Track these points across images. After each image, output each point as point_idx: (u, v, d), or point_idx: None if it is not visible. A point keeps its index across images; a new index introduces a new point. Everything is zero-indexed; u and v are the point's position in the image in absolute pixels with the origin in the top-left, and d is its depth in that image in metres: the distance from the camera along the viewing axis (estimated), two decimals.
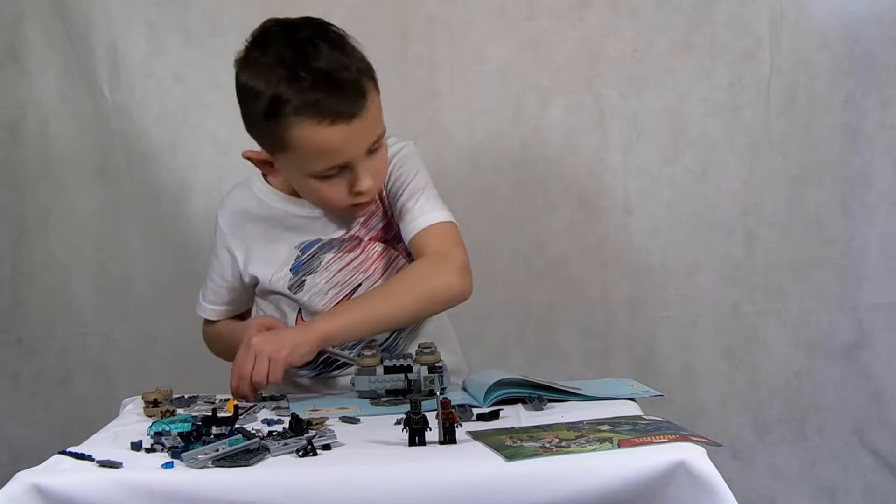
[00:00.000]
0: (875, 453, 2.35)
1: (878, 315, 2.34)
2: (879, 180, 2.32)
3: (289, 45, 1.61)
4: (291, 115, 1.59)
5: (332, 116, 1.58)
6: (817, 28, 2.30)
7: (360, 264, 1.77)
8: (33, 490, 1.15)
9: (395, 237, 1.78)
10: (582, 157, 2.36)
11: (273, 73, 1.60)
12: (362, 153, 1.63)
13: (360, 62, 1.63)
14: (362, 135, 1.62)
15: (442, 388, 1.56)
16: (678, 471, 1.17)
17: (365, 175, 1.64)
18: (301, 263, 1.76)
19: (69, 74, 2.35)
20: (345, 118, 1.59)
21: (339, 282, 1.76)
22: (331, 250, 1.76)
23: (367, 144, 1.63)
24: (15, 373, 2.42)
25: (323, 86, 1.58)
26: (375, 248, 1.78)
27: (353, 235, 1.77)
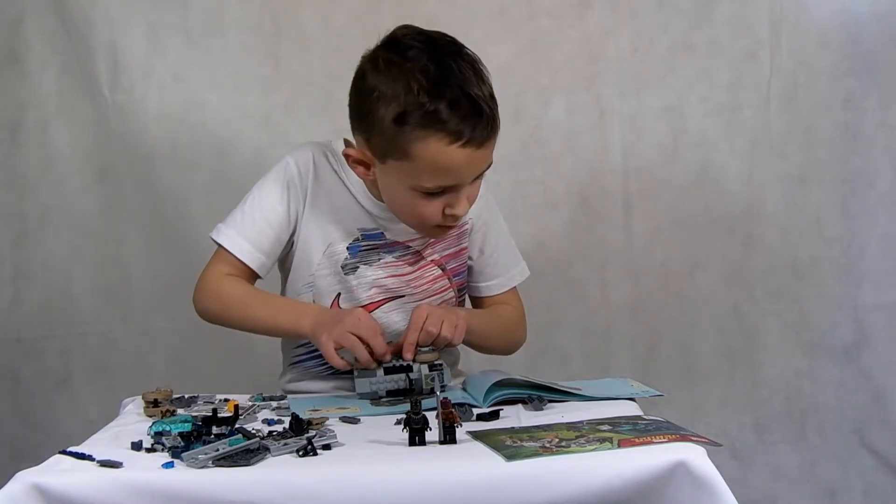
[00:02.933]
0: (875, 453, 2.35)
1: (878, 315, 2.34)
2: (879, 180, 2.33)
3: (431, 59, 1.59)
4: (421, 127, 1.57)
5: (464, 140, 1.57)
6: (817, 28, 2.31)
7: (412, 280, 1.77)
8: (33, 490, 1.15)
9: (453, 269, 1.80)
10: (582, 157, 2.36)
11: (414, 81, 1.57)
12: (471, 179, 1.64)
13: (490, 88, 1.63)
14: (480, 163, 1.63)
15: (442, 385, 1.57)
16: (678, 471, 1.17)
17: (464, 199, 1.65)
18: (360, 248, 1.74)
19: (69, 74, 2.35)
20: (474, 144, 1.58)
21: (386, 286, 1.76)
22: (392, 252, 1.76)
23: (479, 172, 1.64)
24: (15, 373, 2.42)
25: (465, 108, 1.57)
26: (432, 272, 1.79)
27: (417, 251, 1.77)
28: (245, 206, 1.74)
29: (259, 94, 2.34)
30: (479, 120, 1.57)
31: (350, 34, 2.27)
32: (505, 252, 1.87)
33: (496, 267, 1.85)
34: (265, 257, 1.74)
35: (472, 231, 1.81)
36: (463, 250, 1.81)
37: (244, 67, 2.34)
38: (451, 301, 1.82)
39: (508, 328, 1.87)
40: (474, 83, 1.59)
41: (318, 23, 2.32)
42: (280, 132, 2.33)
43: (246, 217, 1.73)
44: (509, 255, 1.88)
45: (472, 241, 1.82)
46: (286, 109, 2.34)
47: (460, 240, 1.80)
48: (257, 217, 1.72)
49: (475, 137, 1.58)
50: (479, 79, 1.61)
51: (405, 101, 1.57)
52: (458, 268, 1.81)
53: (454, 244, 1.80)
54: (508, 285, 1.87)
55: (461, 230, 1.80)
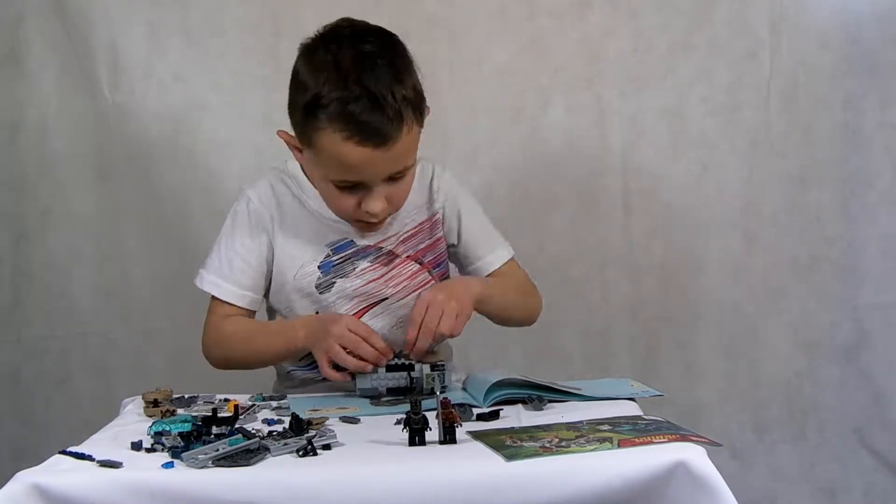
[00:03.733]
0: (875, 453, 2.35)
1: (878, 315, 2.34)
2: (879, 180, 2.33)
3: (351, 53, 1.60)
4: (325, 119, 1.58)
5: (360, 137, 1.57)
6: (817, 28, 2.31)
7: (391, 279, 1.77)
8: (33, 490, 1.15)
9: (431, 261, 1.80)
10: (582, 157, 2.36)
11: (325, 72, 1.59)
12: (380, 179, 1.64)
13: (412, 92, 1.62)
14: (385, 163, 1.62)
15: (443, 386, 1.57)
16: (678, 471, 1.17)
17: (377, 198, 1.65)
18: (332, 264, 1.75)
19: (69, 74, 2.35)
20: (372, 144, 1.58)
21: (367, 291, 1.76)
22: (366, 258, 1.76)
23: (387, 172, 1.63)
24: (15, 373, 2.42)
25: (364, 105, 1.57)
26: (410, 268, 1.78)
27: (390, 251, 1.77)
28: (220, 250, 1.77)
29: (259, 94, 2.34)
30: (378, 118, 1.57)
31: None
32: (485, 230, 1.84)
33: (481, 246, 1.83)
34: (253, 293, 1.77)
35: (444, 220, 1.81)
36: (438, 241, 1.81)
37: (244, 67, 2.34)
38: None
39: (524, 292, 1.84)
40: (388, 82, 1.58)
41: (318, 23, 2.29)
42: None
43: (223, 261, 1.76)
44: (484, 238, 1.84)
45: (447, 230, 1.81)
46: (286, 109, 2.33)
47: (433, 231, 1.80)
48: (234, 259, 1.75)
49: (372, 136, 1.57)
50: (398, 80, 1.60)
51: (314, 91, 1.60)
52: (436, 259, 1.81)
53: (427, 237, 1.80)
54: (502, 259, 1.83)
55: (432, 222, 1.80)
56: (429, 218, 1.80)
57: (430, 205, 1.80)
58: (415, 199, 1.78)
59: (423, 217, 1.80)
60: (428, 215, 1.80)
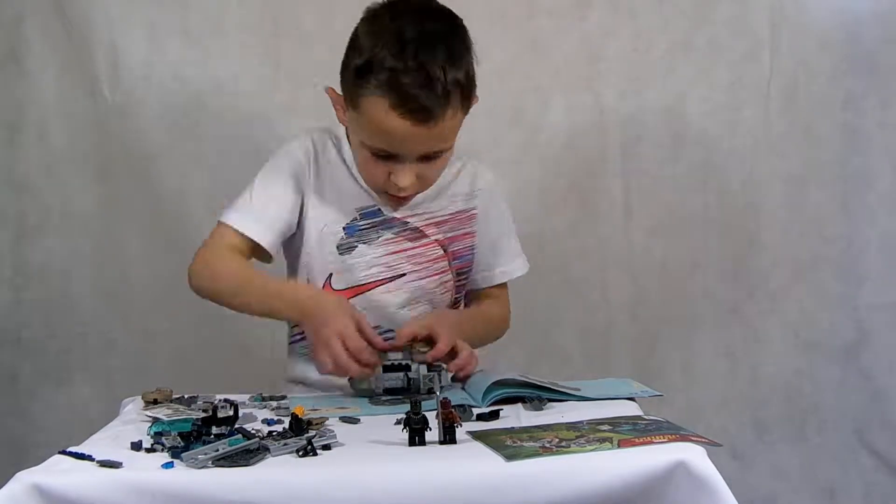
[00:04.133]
0: (875, 453, 2.35)
1: (878, 315, 2.34)
2: (879, 180, 2.33)
3: (414, 27, 1.61)
4: (375, 84, 1.60)
5: (404, 109, 1.59)
6: (817, 28, 2.31)
7: (414, 256, 1.78)
8: (33, 490, 1.15)
9: (454, 252, 1.80)
10: (582, 157, 2.36)
11: (386, 40, 1.60)
12: (414, 156, 1.65)
13: (464, 77, 1.63)
14: (423, 141, 1.63)
15: (441, 386, 1.56)
16: (678, 471, 1.17)
17: (407, 173, 1.66)
18: (357, 228, 1.76)
19: (69, 74, 2.35)
20: (415, 118, 1.59)
21: (387, 263, 1.77)
22: (391, 229, 1.77)
23: (423, 150, 1.65)
24: (15, 373, 2.42)
25: (415, 79, 1.58)
26: (435, 251, 1.79)
27: (418, 227, 1.77)
28: (251, 191, 1.74)
29: (259, 94, 2.34)
30: (426, 95, 1.58)
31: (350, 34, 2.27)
32: (503, 245, 1.86)
33: (495, 257, 1.85)
34: (273, 235, 1.73)
35: (478, 218, 1.82)
36: (467, 235, 1.82)
37: (244, 67, 2.34)
38: (449, 284, 1.81)
39: (490, 330, 1.86)
40: (442, 62, 1.59)
41: (318, 23, 2.32)
42: (280, 132, 2.33)
43: (254, 200, 1.73)
44: (508, 248, 1.87)
45: (477, 229, 1.82)
46: (286, 109, 2.34)
47: (463, 224, 1.81)
48: (264, 199, 1.73)
49: (417, 111, 1.59)
50: (452, 62, 1.61)
51: (369, 56, 1.61)
52: (459, 251, 1.81)
53: (459, 227, 1.81)
54: (505, 277, 1.86)
55: (467, 215, 1.81)
56: (464, 210, 1.81)
57: (469, 198, 1.82)
58: (459, 188, 1.81)
59: (460, 207, 1.81)
60: (464, 207, 1.81)
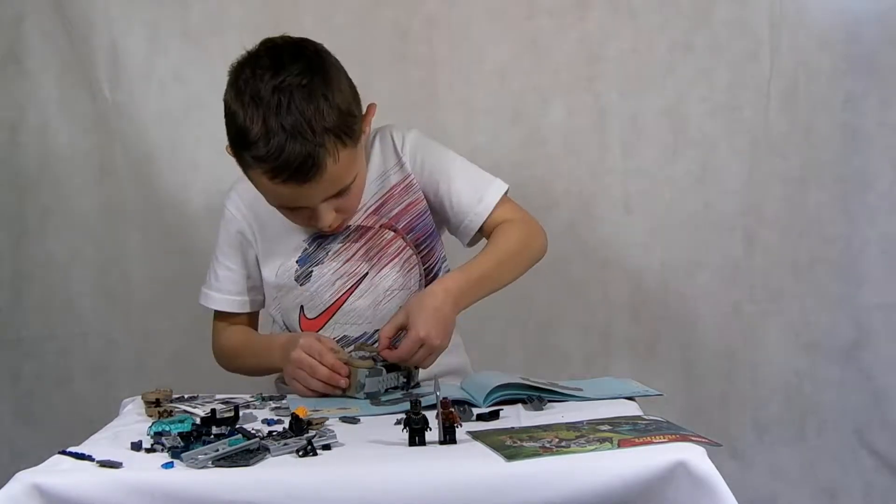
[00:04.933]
0: (875, 453, 2.35)
1: (878, 315, 2.34)
2: (879, 180, 2.32)
3: (271, 86, 1.58)
4: (250, 158, 1.60)
5: (283, 177, 1.59)
6: (817, 28, 2.30)
7: (366, 252, 1.77)
8: (33, 490, 1.15)
9: (406, 226, 1.78)
10: (582, 157, 2.36)
11: (249, 108, 1.59)
12: (320, 201, 1.65)
13: (334, 117, 1.59)
14: (319, 190, 1.62)
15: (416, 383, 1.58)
16: (678, 471, 1.17)
17: (326, 215, 1.67)
18: (308, 255, 1.77)
19: (69, 74, 2.35)
20: (297, 181, 1.59)
21: (345, 272, 1.77)
22: (336, 240, 1.77)
23: (325, 195, 1.64)
24: (15, 373, 2.42)
25: (282, 149, 1.56)
26: (385, 236, 1.78)
27: (359, 225, 1.77)
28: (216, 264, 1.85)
29: None
30: (299, 159, 1.57)
31: (350, 34, 2.27)
32: (465, 179, 1.79)
33: (465, 197, 1.77)
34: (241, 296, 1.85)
35: (420, 179, 1.78)
36: (412, 203, 1.78)
37: None
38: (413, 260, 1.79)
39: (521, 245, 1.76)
40: (307, 115, 1.57)
41: (318, 23, 2.32)
42: None
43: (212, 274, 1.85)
44: (473, 178, 1.79)
45: (425, 188, 1.78)
46: None
47: (405, 195, 1.78)
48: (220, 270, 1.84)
49: (295, 177, 1.58)
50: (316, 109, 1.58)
51: (235, 129, 1.61)
52: (411, 223, 1.78)
53: (400, 201, 1.78)
54: (490, 207, 1.78)
55: (404, 185, 1.78)
56: (400, 181, 1.78)
57: (400, 167, 1.78)
58: (379, 167, 1.78)
59: (393, 182, 1.78)
60: (399, 178, 1.78)
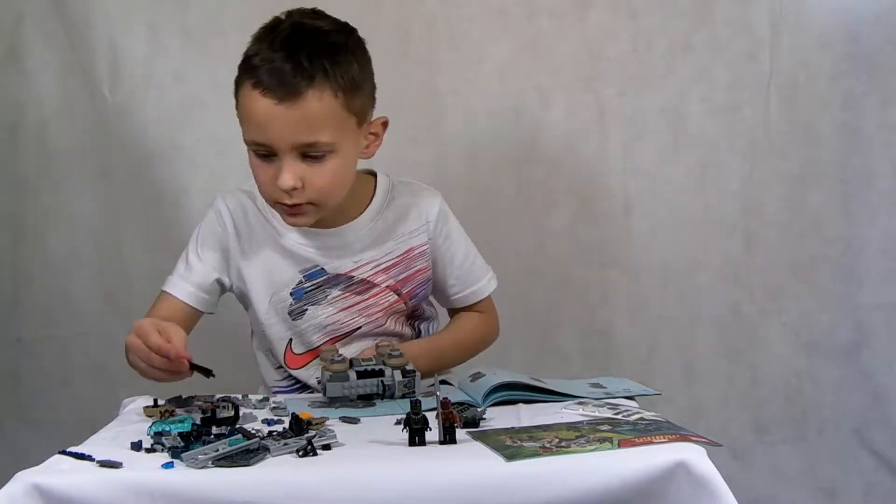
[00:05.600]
0: (875, 453, 2.35)
1: (878, 315, 2.34)
2: (879, 180, 2.33)
3: (293, 23, 1.62)
4: (243, 71, 1.62)
5: (263, 87, 1.58)
6: (817, 28, 2.31)
7: (365, 308, 1.76)
8: (33, 490, 1.15)
9: (409, 292, 1.78)
10: (582, 157, 2.36)
11: (260, 34, 1.63)
12: (287, 146, 1.59)
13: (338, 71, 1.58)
14: (288, 124, 1.58)
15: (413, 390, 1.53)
16: (678, 471, 1.17)
17: (287, 172, 1.60)
18: (304, 291, 1.74)
19: (69, 74, 2.35)
20: (274, 95, 1.57)
21: (339, 320, 1.75)
22: (337, 286, 1.75)
23: (294, 138, 1.59)
24: (15, 373, 2.42)
25: (277, 56, 1.58)
26: (388, 298, 1.77)
27: (365, 279, 1.75)
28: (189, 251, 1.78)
29: None
30: (288, 73, 1.56)
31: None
32: (472, 263, 1.84)
33: (465, 279, 1.83)
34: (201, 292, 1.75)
35: (432, 249, 1.79)
36: (419, 271, 1.79)
37: None
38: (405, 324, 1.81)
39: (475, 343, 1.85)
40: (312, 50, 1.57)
41: None
42: None
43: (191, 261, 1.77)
44: (476, 265, 1.84)
45: (434, 261, 1.80)
46: None
47: (415, 261, 1.78)
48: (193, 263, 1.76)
49: (274, 87, 1.57)
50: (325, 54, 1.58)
51: (243, 58, 1.63)
52: (414, 289, 1.79)
53: (410, 266, 1.78)
54: (479, 296, 1.84)
55: (417, 252, 1.78)
56: (416, 246, 1.78)
57: (420, 233, 1.78)
58: (407, 226, 1.78)
59: (410, 244, 1.78)
60: (416, 243, 1.78)
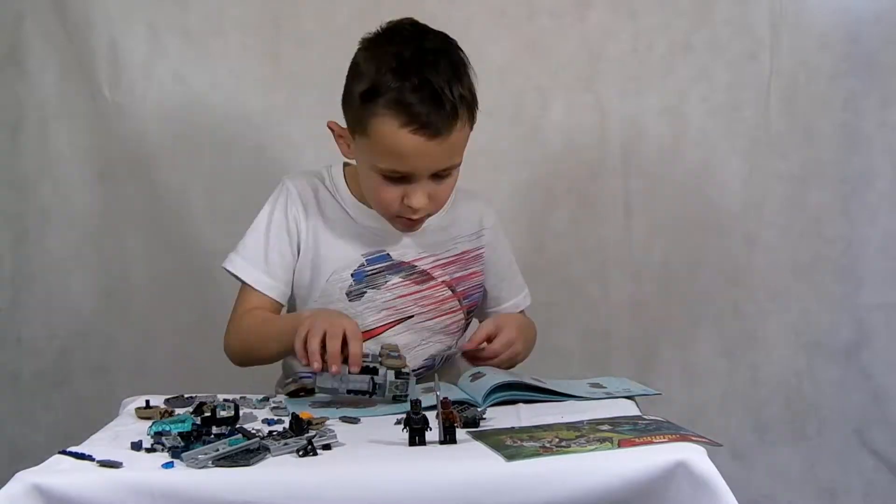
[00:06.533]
0: (875, 453, 2.35)
1: (878, 315, 2.34)
2: (879, 180, 2.33)
3: (413, 47, 1.64)
4: (382, 106, 1.61)
5: (415, 125, 1.60)
6: (817, 28, 2.31)
7: (421, 299, 1.78)
8: (33, 490, 1.15)
9: (463, 292, 1.81)
10: (582, 157, 2.36)
11: (387, 62, 1.63)
12: (428, 172, 1.65)
13: (467, 91, 1.65)
14: (435, 156, 1.64)
15: (405, 394, 1.52)
16: (678, 471, 1.17)
17: (420, 193, 1.66)
18: (366, 274, 1.76)
19: (69, 74, 2.35)
20: (426, 133, 1.60)
21: (395, 307, 1.77)
22: (399, 273, 1.77)
23: (436, 167, 1.65)
24: (15, 373, 2.42)
25: (423, 96, 1.60)
26: (442, 292, 1.80)
27: (424, 271, 1.78)
28: (256, 238, 1.77)
29: (259, 94, 2.34)
30: (436, 110, 1.60)
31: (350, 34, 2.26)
32: (509, 279, 1.90)
33: (507, 291, 1.89)
34: (284, 286, 1.77)
35: (486, 257, 1.84)
36: (475, 274, 1.83)
37: (244, 67, 2.34)
38: (460, 323, 1.84)
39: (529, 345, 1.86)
40: (447, 78, 1.62)
41: (318, 23, 2.32)
42: (280, 132, 2.33)
43: (259, 249, 1.76)
44: (514, 282, 1.91)
45: (486, 266, 1.84)
46: (286, 109, 2.34)
47: (470, 263, 1.82)
48: (269, 250, 1.76)
49: (427, 126, 1.60)
50: (456, 77, 1.64)
51: (373, 79, 1.63)
52: (468, 290, 1.83)
53: (464, 267, 1.82)
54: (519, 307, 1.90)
55: (473, 254, 1.82)
56: (471, 250, 1.83)
57: (476, 238, 1.84)
58: (464, 229, 1.83)
59: (466, 247, 1.82)
60: (471, 247, 1.83)
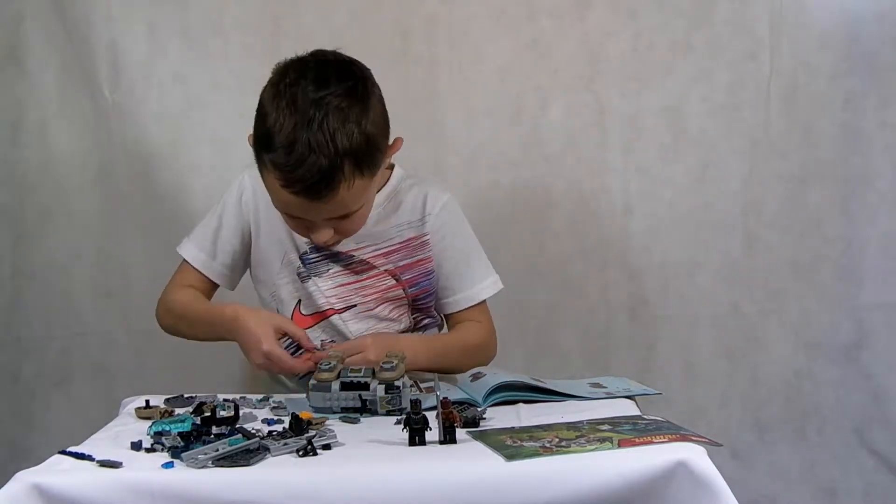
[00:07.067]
0: (875, 453, 2.35)
1: (878, 315, 2.34)
2: (879, 180, 2.32)
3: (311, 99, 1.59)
4: (268, 160, 1.61)
5: (294, 188, 1.59)
6: (817, 28, 2.30)
7: (362, 288, 1.79)
8: (33, 490, 1.15)
9: (409, 280, 1.80)
10: (582, 157, 2.36)
11: (282, 112, 1.59)
12: (321, 220, 1.65)
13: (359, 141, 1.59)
14: (325, 211, 1.63)
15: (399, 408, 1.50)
16: (678, 471, 1.17)
17: (322, 232, 1.67)
18: (309, 260, 1.79)
19: (69, 74, 2.35)
20: (306, 197, 1.59)
21: (336, 295, 1.79)
22: (338, 262, 1.78)
23: (328, 216, 1.64)
24: (15, 373, 2.42)
25: (301, 162, 1.56)
26: (385, 282, 1.80)
27: (364, 260, 1.78)
28: (206, 219, 1.85)
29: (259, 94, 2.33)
30: (313, 176, 1.56)
31: (350, 34, 2.27)
32: (469, 265, 1.84)
33: (459, 280, 1.83)
34: (224, 269, 1.84)
35: (433, 244, 1.81)
36: (421, 261, 1.80)
37: (244, 67, 2.34)
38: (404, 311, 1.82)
39: (468, 355, 1.78)
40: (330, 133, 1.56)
41: (318, 23, 2.32)
42: None
43: (207, 230, 1.84)
44: (475, 267, 1.84)
45: (434, 254, 1.81)
46: None
47: (417, 251, 1.80)
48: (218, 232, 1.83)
49: (306, 192, 1.59)
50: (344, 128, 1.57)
51: (262, 130, 1.62)
52: (415, 278, 1.80)
53: (411, 254, 1.80)
54: (473, 300, 1.83)
55: (419, 241, 1.80)
56: (417, 236, 1.80)
57: (420, 224, 1.80)
58: (406, 217, 1.80)
59: (410, 234, 1.80)
60: (416, 234, 1.80)
